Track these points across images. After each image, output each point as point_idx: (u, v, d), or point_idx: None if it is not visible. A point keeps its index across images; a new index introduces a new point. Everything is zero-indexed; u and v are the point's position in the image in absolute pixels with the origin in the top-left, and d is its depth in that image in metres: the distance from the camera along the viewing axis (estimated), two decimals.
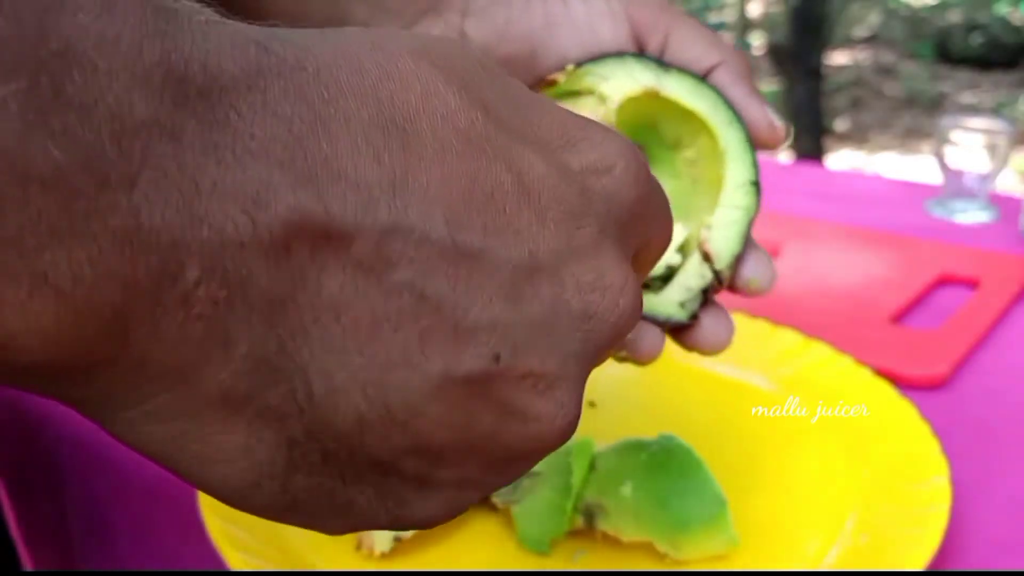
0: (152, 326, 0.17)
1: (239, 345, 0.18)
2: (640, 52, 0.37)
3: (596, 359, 0.22)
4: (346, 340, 0.18)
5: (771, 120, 0.37)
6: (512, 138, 0.21)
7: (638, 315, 0.23)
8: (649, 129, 0.39)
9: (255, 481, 0.19)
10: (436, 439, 0.20)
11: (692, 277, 0.37)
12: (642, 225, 0.24)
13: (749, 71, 0.38)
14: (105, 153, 0.15)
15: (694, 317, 0.36)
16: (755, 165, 0.37)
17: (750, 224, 0.37)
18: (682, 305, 0.36)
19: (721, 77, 0.37)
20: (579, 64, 0.36)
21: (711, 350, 0.37)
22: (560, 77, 0.36)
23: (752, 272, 0.37)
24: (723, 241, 0.37)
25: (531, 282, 0.20)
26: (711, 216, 0.37)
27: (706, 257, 0.37)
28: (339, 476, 0.20)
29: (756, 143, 0.37)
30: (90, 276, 0.15)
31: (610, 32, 0.37)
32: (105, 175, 0.15)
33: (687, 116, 0.37)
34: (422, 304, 0.19)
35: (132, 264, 0.16)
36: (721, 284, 0.37)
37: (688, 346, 0.37)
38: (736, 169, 0.37)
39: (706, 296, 0.37)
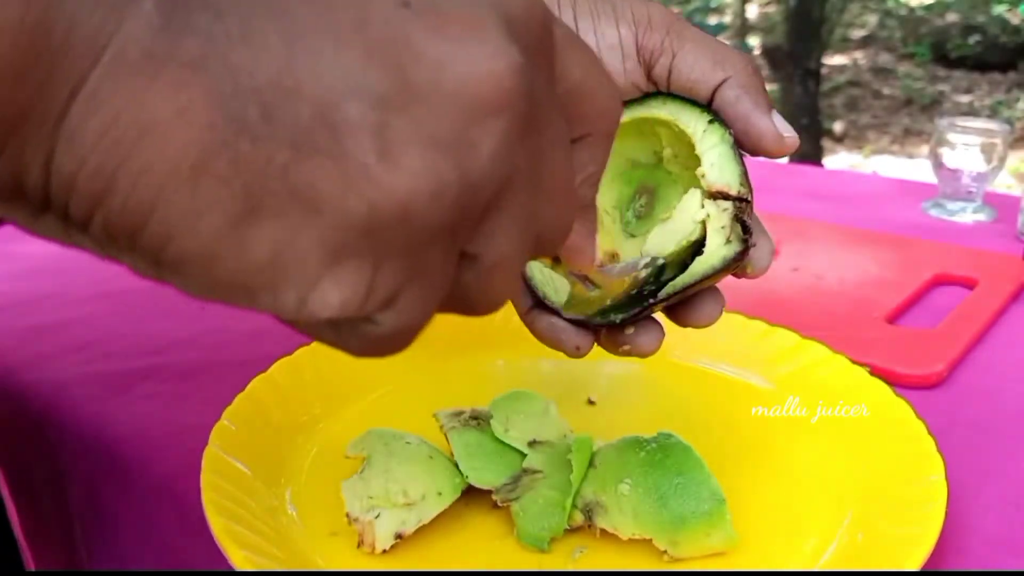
0: None
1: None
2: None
3: (520, 35, 0.22)
4: None
5: (777, 130, 0.37)
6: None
7: (547, 24, 0.23)
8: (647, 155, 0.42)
9: (200, 157, 0.18)
10: (368, 77, 0.19)
11: (719, 218, 0.37)
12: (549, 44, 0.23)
13: (756, 81, 0.38)
14: None
15: (745, 243, 0.37)
16: (712, 121, 0.38)
17: (733, 147, 0.38)
18: (728, 241, 0.37)
19: (727, 93, 0.37)
20: None
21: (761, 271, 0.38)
22: None
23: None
24: (719, 170, 0.38)
25: None
26: (700, 169, 0.38)
27: (718, 194, 0.37)
28: (287, 141, 0.19)
29: (765, 154, 0.38)
30: None
31: (618, 64, 0.38)
32: None
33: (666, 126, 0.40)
34: None
35: None
36: (747, 201, 0.37)
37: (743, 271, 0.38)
38: (697, 133, 0.38)
39: (742, 220, 0.37)
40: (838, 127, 4.69)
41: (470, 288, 0.24)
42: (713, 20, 3.37)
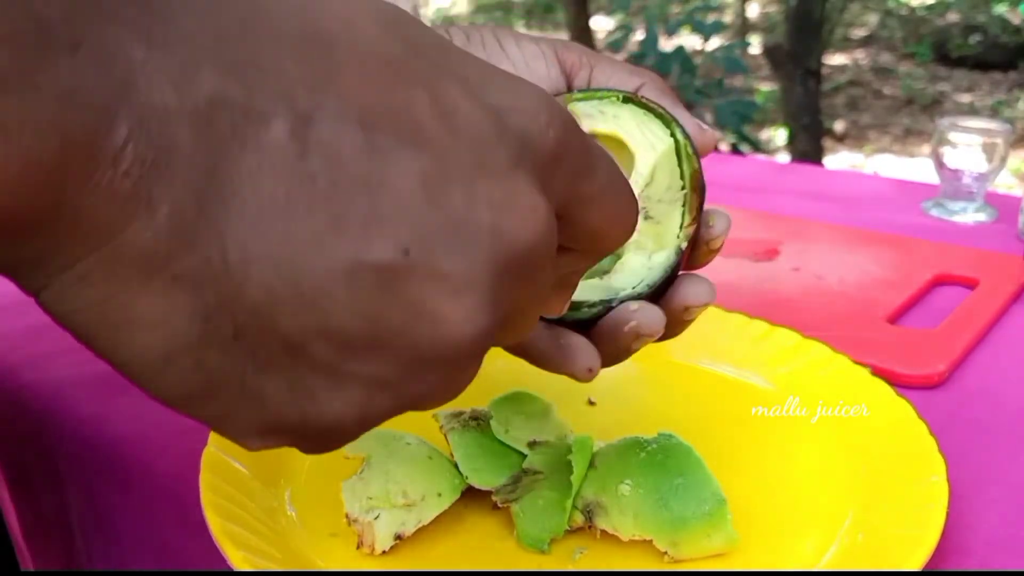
0: (86, 179, 0.18)
1: (161, 206, 0.19)
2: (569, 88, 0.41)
3: (509, 277, 0.23)
4: (262, 215, 0.20)
5: (700, 125, 0.40)
6: (431, 68, 0.22)
7: (549, 240, 0.23)
8: None
9: (169, 353, 0.21)
10: (343, 324, 0.21)
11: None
12: (566, 171, 0.24)
13: (669, 88, 0.42)
14: (54, 22, 0.18)
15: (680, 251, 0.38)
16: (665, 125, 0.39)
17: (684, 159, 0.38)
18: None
19: (648, 94, 0.41)
20: None
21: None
22: None
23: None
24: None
25: (443, 189, 0.21)
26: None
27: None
28: (250, 356, 0.21)
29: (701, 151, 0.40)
30: (33, 124, 0.18)
31: (544, 71, 0.41)
32: (52, 39, 0.18)
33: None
34: (334, 191, 0.20)
35: (70, 118, 0.18)
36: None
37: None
38: (636, 147, 0.39)
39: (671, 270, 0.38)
40: (839, 127, 4.69)
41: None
42: (712, 19, 3.37)
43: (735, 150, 3.20)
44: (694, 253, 0.39)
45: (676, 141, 0.39)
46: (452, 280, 0.21)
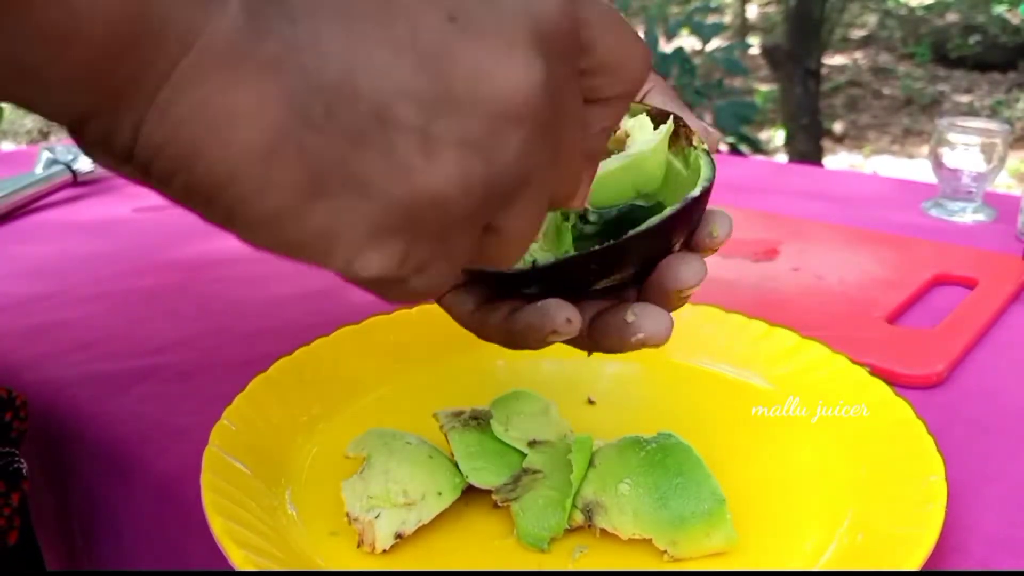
0: None
1: (231, 1, 0.21)
2: None
3: (546, 44, 0.24)
4: (331, 9, 0.22)
5: (704, 127, 0.42)
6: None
7: (574, 27, 0.26)
8: None
9: (271, 143, 0.22)
10: (418, 85, 0.23)
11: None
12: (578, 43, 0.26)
13: (672, 91, 0.45)
14: None
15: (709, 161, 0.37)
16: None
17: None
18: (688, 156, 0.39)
19: (656, 99, 0.43)
20: None
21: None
22: None
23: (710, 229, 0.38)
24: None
25: None
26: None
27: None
28: (345, 134, 0.22)
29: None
30: None
31: None
32: None
33: None
34: None
35: None
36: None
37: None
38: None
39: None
40: (838, 127, 4.69)
41: (490, 249, 0.28)
42: (713, 21, 3.37)
43: (735, 151, 3.20)
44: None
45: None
46: (498, 40, 0.23)
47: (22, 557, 0.54)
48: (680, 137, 0.40)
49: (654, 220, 0.34)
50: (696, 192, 0.35)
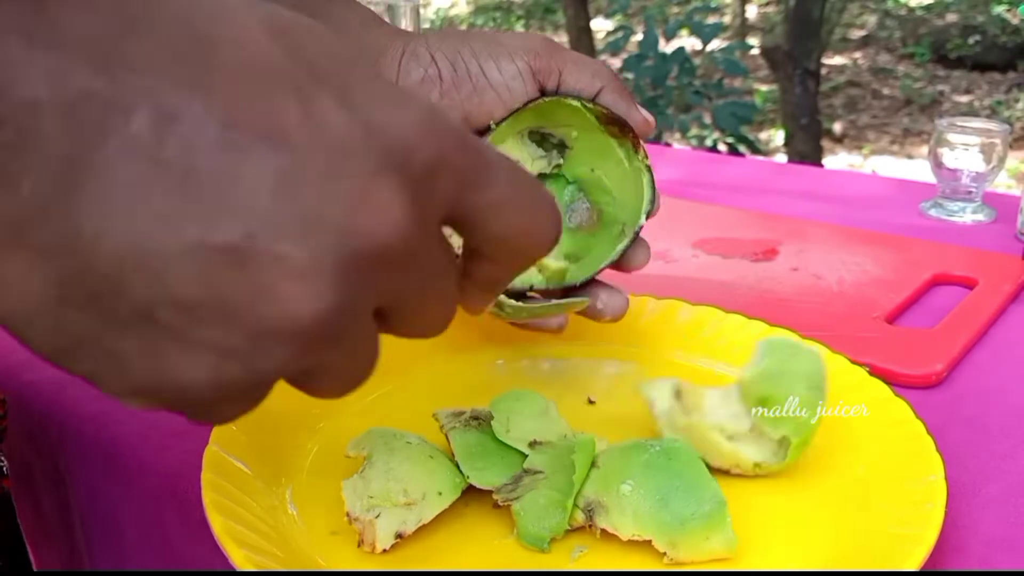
0: None
1: (24, 183, 0.21)
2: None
3: (361, 269, 0.24)
4: (116, 195, 0.22)
5: (644, 118, 0.50)
6: (310, 79, 0.24)
7: (409, 240, 0.24)
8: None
9: (30, 312, 0.22)
10: (188, 294, 0.22)
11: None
12: (450, 182, 0.26)
13: (622, 85, 0.50)
14: None
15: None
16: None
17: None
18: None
19: (606, 97, 0.50)
20: (498, 122, 0.49)
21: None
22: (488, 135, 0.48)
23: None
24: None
25: (296, 186, 0.23)
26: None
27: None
28: (105, 319, 0.23)
29: (639, 136, 0.50)
30: None
31: (521, 88, 0.49)
32: None
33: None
34: (187, 179, 0.22)
35: None
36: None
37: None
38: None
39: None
40: (837, 127, 4.69)
41: (310, 388, 0.28)
42: (712, 22, 3.37)
43: (733, 151, 3.20)
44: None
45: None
46: (295, 264, 0.23)
47: (4, 551, 0.54)
48: (628, 137, 0.49)
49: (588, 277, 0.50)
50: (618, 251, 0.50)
